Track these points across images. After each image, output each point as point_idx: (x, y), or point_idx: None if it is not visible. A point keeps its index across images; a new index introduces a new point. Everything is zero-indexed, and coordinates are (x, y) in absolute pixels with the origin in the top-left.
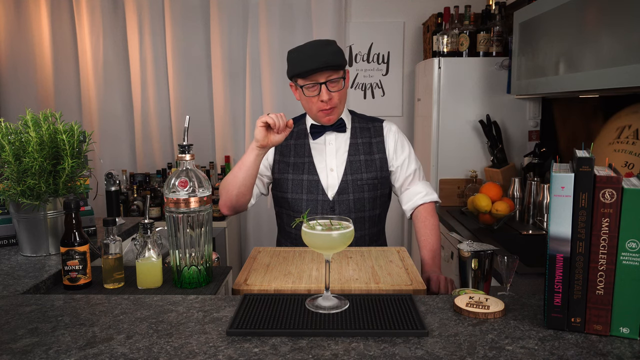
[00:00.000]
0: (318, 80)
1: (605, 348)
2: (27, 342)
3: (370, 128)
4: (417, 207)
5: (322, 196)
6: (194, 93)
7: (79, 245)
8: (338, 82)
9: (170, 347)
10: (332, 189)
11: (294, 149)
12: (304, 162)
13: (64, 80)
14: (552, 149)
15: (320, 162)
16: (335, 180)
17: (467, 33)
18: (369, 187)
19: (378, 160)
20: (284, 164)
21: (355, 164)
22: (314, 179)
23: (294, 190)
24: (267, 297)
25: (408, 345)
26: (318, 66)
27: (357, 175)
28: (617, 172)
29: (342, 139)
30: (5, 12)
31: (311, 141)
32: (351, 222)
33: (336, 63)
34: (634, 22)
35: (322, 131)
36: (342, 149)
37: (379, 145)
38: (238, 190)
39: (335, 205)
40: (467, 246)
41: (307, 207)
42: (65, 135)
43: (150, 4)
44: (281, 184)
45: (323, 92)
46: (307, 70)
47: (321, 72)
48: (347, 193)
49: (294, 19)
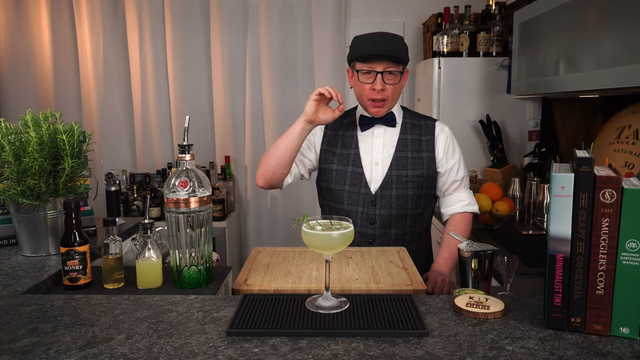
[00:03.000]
0: (375, 69)
1: (605, 348)
2: (27, 342)
3: (422, 125)
4: (455, 214)
5: (364, 189)
6: (194, 93)
7: (79, 245)
8: (395, 76)
9: (170, 347)
10: (376, 183)
11: (342, 140)
12: (350, 154)
13: (64, 80)
14: (552, 149)
15: (366, 154)
16: (380, 175)
17: (467, 33)
18: (414, 184)
19: (426, 158)
20: (330, 154)
21: (401, 160)
22: (358, 171)
23: (337, 181)
24: (267, 297)
25: (408, 345)
26: (378, 53)
27: (403, 171)
28: (617, 172)
29: (391, 133)
30: (5, 12)
31: (359, 133)
32: (351, 222)
33: (397, 55)
34: (634, 22)
35: (372, 123)
36: (390, 144)
37: (429, 143)
38: (277, 162)
39: (377, 200)
40: (467, 246)
41: (349, 199)
42: (65, 135)
43: (150, 4)
44: (326, 173)
45: (377, 81)
46: (366, 55)
47: (380, 61)
48: (390, 188)
49: (294, 19)
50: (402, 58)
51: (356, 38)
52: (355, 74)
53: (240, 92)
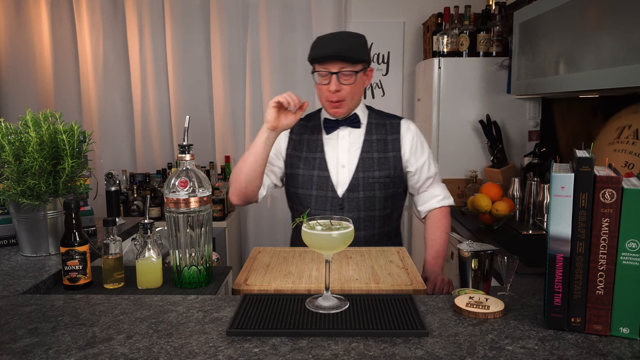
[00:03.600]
0: (330, 69)
1: (605, 348)
2: (27, 342)
3: (387, 125)
4: (433, 209)
5: (331, 193)
6: (194, 93)
7: (79, 245)
8: (350, 76)
9: (170, 347)
10: (342, 186)
11: (307, 144)
12: (316, 158)
13: (64, 80)
14: (552, 149)
15: (332, 158)
16: (346, 177)
17: (467, 33)
18: (380, 185)
19: (392, 158)
20: (296, 159)
21: (367, 162)
22: (324, 175)
23: (304, 185)
24: (267, 297)
25: (408, 345)
26: (331, 54)
27: (369, 172)
28: (617, 172)
29: (356, 134)
30: (5, 12)
31: (324, 136)
32: (351, 222)
33: (351, 55)
34: (634, 22)
35: (336, 126)
36: (356, 145)
37: (394, 143)
38: (247, 177)
39: (344, 203)
40: (467, 246)
41: (316, 203)
42: (65, 135)
43: (150, 4)
44: (292, 178)
45: (332, 82)
46: (320, 55)
47: (334, 62)
48: (357, 191)
49: (294, 19)
50: (356, 58)
51: (317, 38)
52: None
53: (240, 92)
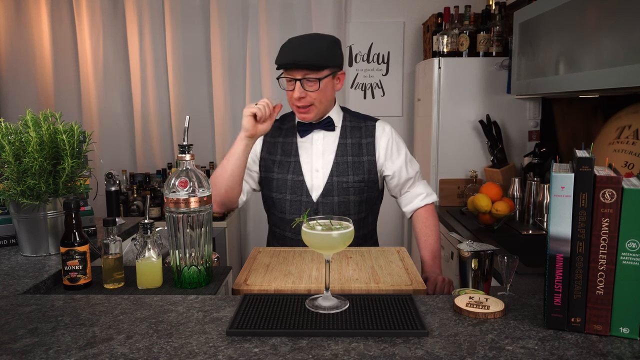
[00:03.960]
0: (295, 76)
1: (605, 348)
2: (27, 342)
3: (362, 127)
4: (417, 209)
5: (306, 197)
6: (194, 93)
7: (79, 245)
8: (314, 83)
9: (170, 347)
10: (317, 191)
11: (282, 147)
12: (290, 162)
13: (64, 80)
14: (552, 149)
15: (306, 162)
16: (320, 182)
17: (467, 33)
18: (355, 190)
19: (366, 162)
20: (270, 162)
21: (342, 166)
22: (298, 179)
23: (278, 189)
24: (267, 297)
25: (408, 345)
26: (291, 61)
27: (343, 177)
28: (617, 172)
29: (331, 138)
30: (5, 12)
31: (299, 139)
32: (351, 222)
33: (312, 63)
34: (634, 22)
35: (310, 129)
36: (330, 149)
37: (369, 146)
38: (227, 184)
39: (318, 207)
40: (467, 246)
41: (290, 207)
42: (65, 135)
43: (150, 4)
44: (267, 182)
45: (296, 89)
46: (284, 62)
47: (298, 69)
48: (331, 195)
49: (294, 19)
50: (320, 65)
51: (284, 43)
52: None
53: (240, 92)
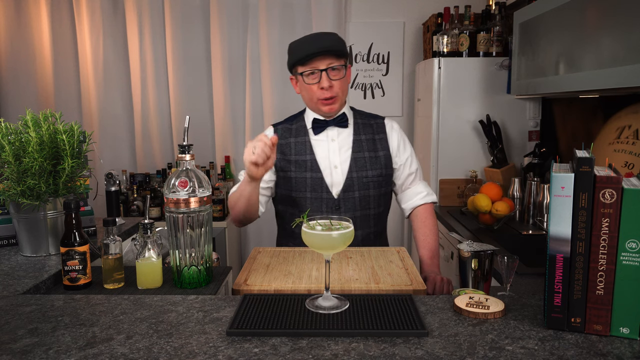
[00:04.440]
0: (318, 67)
1: (605, 348)
2: (27, 342)
3: (373, 124)
4: (416, 207)
5: (326, 194)
6: (194, 93)
7: (79, 245)
8: (339, 71)
9: (170, 347)
10: (337, 187)
11: (295, 147)
12: (306, 160)
13: (64, 80)
14: (552, 149)
15: (324, 159)
16: (340, 178)
17: (467, 33)
18: (374, 184)
19: (383, 157)
20: (286, 162)
21: (360, 161)
22: (317, 176)
23: (297, 188)
24: (267, 297)
25: (408, 345)
26: (318, 50)
27: (363, 172)
28: (617, 172)
29: (345, 135)
30: (5, 11)
31: (312, 138)
32: (351, 222)
33: (337, 49)
34: (634, 22)
35: (324, 126)
36: (346, 146)
37: (382, 142)
38: (245, 209)
39: (340, 203)
40: (467, 246)
41: (311, 205)
42: (65, 136)
43: (150, 4)
44: (285, 182)
45: (323, 79)
46: (307, 54)
47: (322, 58)
48: (352, 190)
49: (294, 19)
50: (342, 51)
51: (292, 43)
52: (300, 79)
53: (240, 92)
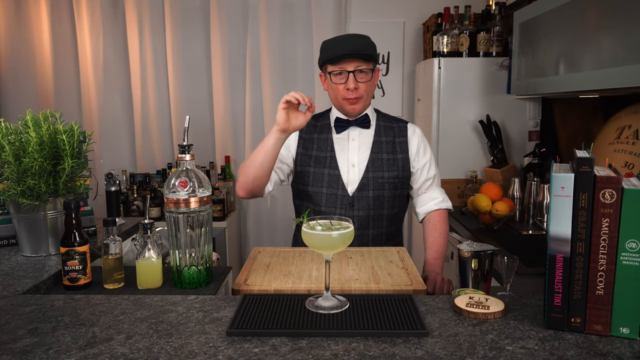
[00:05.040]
0: (346, 68)
1: (605, 348)
2: (27, 342)
3: (395, 127)
4: (430, 212)
5: (342, 191)
6: (194, 93)
7: (79, 245)
8: (367, 74)
9: (170, 347)
10: (353, 185)
11: (317, 143)
12: (326, 157)
13: (64, 80)
14: (552, 149)
15: (343, 157)
16: (356, 176)
17: (467, 33)
18: (390, 185)
19: (401, 160)
20: (306, 157)
21: (377, 162)
22: (334, 173)
23: (315, 183)
24: (267, 297)
25: (408, 345)
26: (347, 52)
27: (379, 173)
28: (617, 172)
29: (366, 135)
30: (5, 12)
31: (334, 136)
32: (351, 222)
33: (367, 52)
34: (634, 22)
35: (347, 126)
36: (366, 146)
37: (402, 145)
38: (255, 174)
39: (354, 201)
40: (467, 246)
41: (326, 201)
42: (65, 136)
43: (150, 4)
44: (302, 176)
45: (350, 80)
46: (336, 55)
47: (350, 60)
48: (367, 190)
49: (294, 20)
50: (371, 55)
51: (325, 42)
52: (328, 77)
53: (240, 92)
